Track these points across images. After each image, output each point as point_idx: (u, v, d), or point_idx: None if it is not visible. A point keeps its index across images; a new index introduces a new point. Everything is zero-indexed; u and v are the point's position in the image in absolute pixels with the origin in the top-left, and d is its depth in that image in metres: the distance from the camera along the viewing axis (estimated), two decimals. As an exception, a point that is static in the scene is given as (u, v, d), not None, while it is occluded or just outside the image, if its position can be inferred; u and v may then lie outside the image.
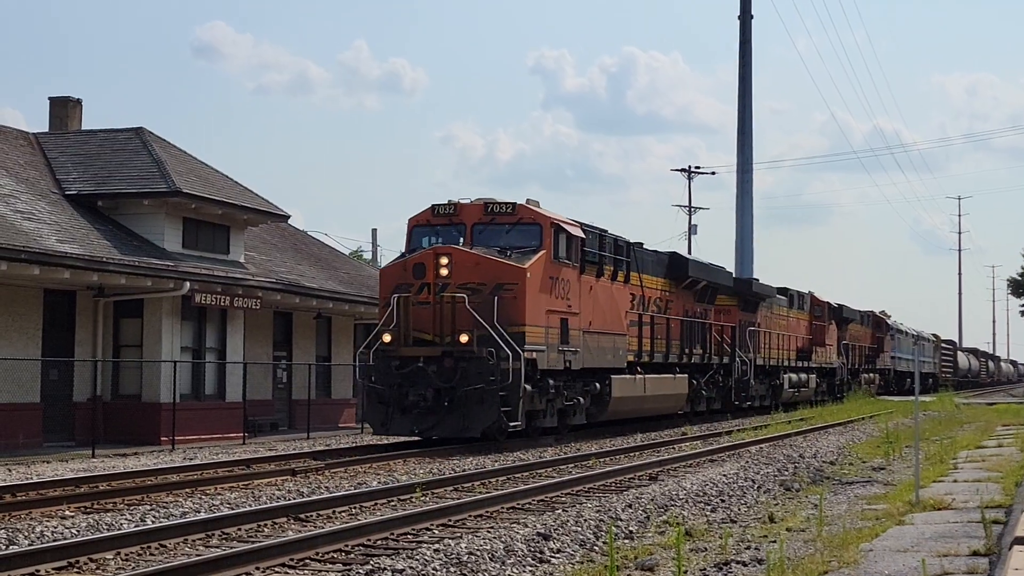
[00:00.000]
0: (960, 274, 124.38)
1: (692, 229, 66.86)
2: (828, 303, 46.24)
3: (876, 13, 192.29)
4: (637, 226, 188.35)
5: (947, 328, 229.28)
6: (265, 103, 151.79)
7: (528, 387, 21.70)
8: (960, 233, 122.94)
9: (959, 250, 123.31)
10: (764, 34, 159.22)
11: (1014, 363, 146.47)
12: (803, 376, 41.97)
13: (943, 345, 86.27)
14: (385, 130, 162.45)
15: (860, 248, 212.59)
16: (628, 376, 26.59)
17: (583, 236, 24.01)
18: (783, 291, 41.73)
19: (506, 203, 22.68)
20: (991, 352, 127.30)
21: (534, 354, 21.73)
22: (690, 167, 68.13)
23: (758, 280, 39.16)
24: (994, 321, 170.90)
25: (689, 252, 62.62)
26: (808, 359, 43.16)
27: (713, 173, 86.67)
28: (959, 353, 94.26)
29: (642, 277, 27.93)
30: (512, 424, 21.34)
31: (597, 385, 25.13)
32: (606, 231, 25.77)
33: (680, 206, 67.84)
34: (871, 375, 56.89)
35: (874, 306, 70.92)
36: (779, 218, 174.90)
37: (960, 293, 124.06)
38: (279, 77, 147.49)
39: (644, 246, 28.94)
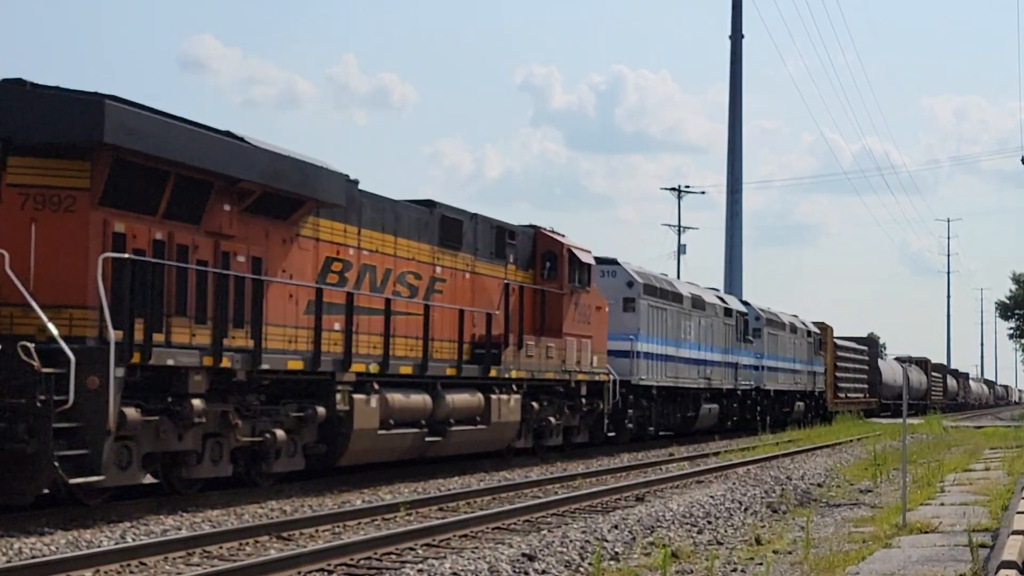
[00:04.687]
0: (949, 296, 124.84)
1: (681, 248, 67.09)
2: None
3: (866, 35, 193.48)
4: (625, 245, 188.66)
5: (935, 350, 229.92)
6: (253, 117, 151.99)
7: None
8: (949, 255, 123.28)
9: (948, 272, 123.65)
10: (754, 54, 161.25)
11: (990, 383, 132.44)
12: None
13: (846, 344, 53.44)
14: (374, 146, 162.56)
15: (849, 270, 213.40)
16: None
17: None
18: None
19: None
20: (953, 368, 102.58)
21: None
22: (680, 186, 68.41)
23: None
24: (982, 344, 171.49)
25: (678, 272, 62.62)
26: None
27: (703, 192, 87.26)
28: (884, 361, 63.82)
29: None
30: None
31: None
32: None
33: (669, 225, 67.94)
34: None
35: (863, 330, 57.18)
36: (768, 238, 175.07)
37: (948, 315, 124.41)
38: (267, 91, 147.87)
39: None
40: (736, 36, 53.62)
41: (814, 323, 46.95)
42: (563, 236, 23.46)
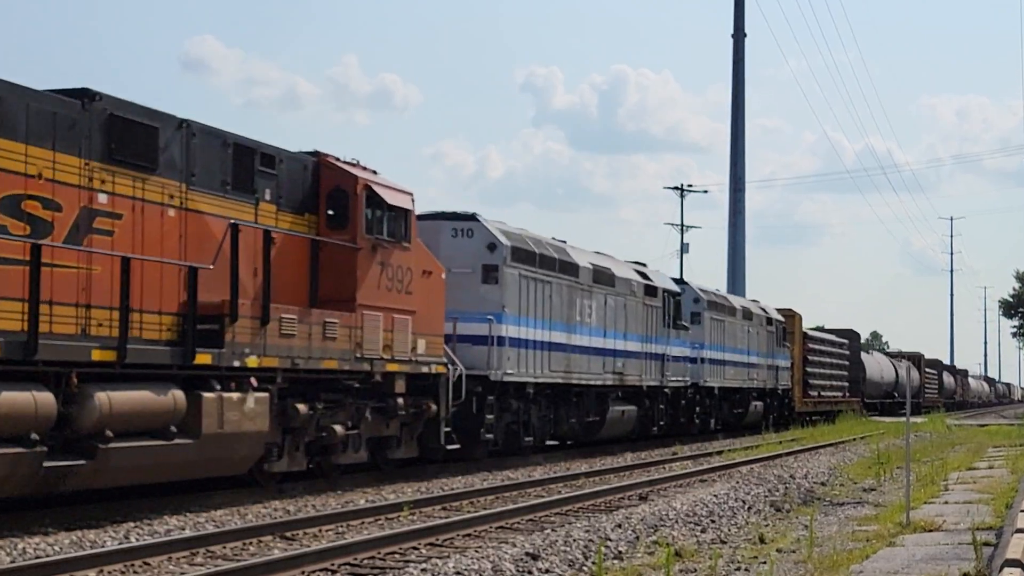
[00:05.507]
0: (952, 295, 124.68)
1: (684, 247, 67.03)
2: None
3: (868, 34, 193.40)
4: (628, 244, 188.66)
5: (939, 349, 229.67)
6: (254, 118, 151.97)
7: None
8: (952, 254, 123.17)
9: (951, 271, 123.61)
10: (756, 53, 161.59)
11: (991, 381, 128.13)
12: None
13: (819, 336, 47.49)
14: (375, 146, 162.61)
15: (852, 268, 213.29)
16: None
17: None
18: None
19: None
20: (951, 364, 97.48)
21: None
22: (682, 185, 68.36)
23: None
24: (985, 342, 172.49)
25: (681, 271, 62.59)
26: None
27: (705, 191, 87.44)
28: (869, 355, 56.89)
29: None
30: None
31: None
32: None
33: (672, 224, 67.83)
34: None
35: (866, 328, 52.57)
36: (771, 237, 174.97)
37: (952, 314, 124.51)
38: (268, 92, 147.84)
39: None
40: (738, 35, 53.60)
41: (778, 310, 40.36)
42: (371, 171, 16.98)
